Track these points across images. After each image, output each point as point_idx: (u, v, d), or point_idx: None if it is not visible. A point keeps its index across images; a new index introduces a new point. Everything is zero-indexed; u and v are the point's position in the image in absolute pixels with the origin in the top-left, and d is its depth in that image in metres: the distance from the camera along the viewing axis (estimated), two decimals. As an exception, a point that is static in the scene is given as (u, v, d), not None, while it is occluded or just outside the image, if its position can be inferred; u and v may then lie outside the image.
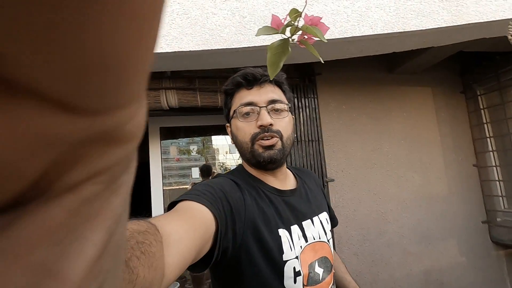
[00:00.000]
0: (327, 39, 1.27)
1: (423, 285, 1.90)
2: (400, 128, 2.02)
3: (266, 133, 0.59)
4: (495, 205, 2.05)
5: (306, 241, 0.59)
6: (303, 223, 0.61)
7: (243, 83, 0.62)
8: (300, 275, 0.55)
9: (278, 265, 0.54)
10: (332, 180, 1.82)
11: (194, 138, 4.59)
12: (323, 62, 0.51)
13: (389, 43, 1.45)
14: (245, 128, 0.61)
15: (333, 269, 0.64)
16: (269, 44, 0.51)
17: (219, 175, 0.66)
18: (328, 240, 0.64)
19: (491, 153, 2.07)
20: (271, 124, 0.59)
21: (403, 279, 1.87)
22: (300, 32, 0.51)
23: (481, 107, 2.12)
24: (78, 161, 0.07)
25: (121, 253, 0.10)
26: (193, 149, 4.70)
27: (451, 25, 1.32)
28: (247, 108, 0.60)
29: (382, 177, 1.93)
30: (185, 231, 0.36)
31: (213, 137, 4.74)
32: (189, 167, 5.03)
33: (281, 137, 0.61)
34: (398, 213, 1.92)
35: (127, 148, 0.09)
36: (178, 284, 2.63)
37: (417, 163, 2.02)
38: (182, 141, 4.79)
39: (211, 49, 1.29)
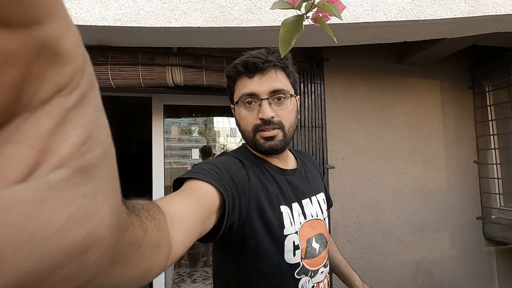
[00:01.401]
0: (338, 23, 1.23)
1: (413, 274, 1.95)
2: (404, 120, 2.01)
3: (267, 126, 0.59)
4: (491, 202, 2.07)
5: (305, 218, 0.63)
6: (303, 201, 0.64)
7: (243, 72, 0.61)
8: (299, 248, 0.59)
9: (279, 239, 0.57)
10: (333, 167, 1.83)
11: (196, 118, 4.58)
12: (336, 41, 0.50)
13: (402, 31, 1.42)
14: (247, 118, 0.61)
15: (328, 245, 0.68)
16: (279, 24, 0.50)
17: (224, 153, 0.67)
18: (324, 219, 0.68)
19: (493, 150, 2.07)
20: (272, 117, 0.59)
21: (394, 267, 1.92)
22: (315, 9, 0.49)
23: (488, 104, 2.10)
24: (39, 80, 0.11)
25: (107, 150, 0.13)
26: (195, 129, 4.71)
27: (467, 16, 1.29)
28: (248, 98, 0.60)
29: (382, 168, 1.94)
30: (190, 208, 0.38)
31: (215, 119, 4.73)
32: (190, 148, 5.04)
33: (282, 128, 0.61)
34: (395, 203, 1.95)
35: (75, 65, 0.12)
36: (175, 260, 2.70)
37: (418, 156, 2.02)
38: (184, 122, 4.78)
39: (220, 27, 1.26)
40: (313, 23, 0.51)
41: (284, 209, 0.59)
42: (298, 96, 0.68)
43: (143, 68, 1.54)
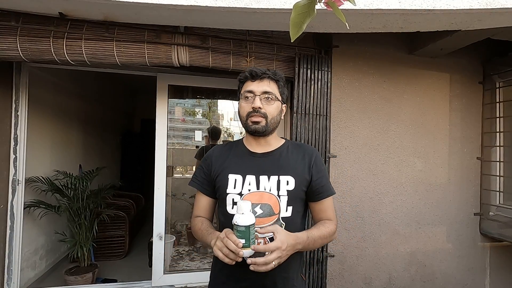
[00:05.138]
0: (350, 9, 1.19)
1: (406, 264, 1.99)
2: (411, 112, 1.99)
3: (255, 113, 0.86)
4: (490, 199, 2.07)
5: (258, 188, 0.86)
6: (260, 176, 0.87)
7: (249, 77, 0.88)
8: (236, 204, 0.80)
9: (223, 195, 0.89)
10: (335, 157, 1.83)
11: (200, 100, 4.55)
12: (348, 28, 0.49)
13: (415, 20, 1.38)
14: (244, 107, 0.88)
15: (276, 216, 0.85)
16: (291, 7, 0.48)
17: (207, 150, 0.98)
18: (278, 195, 0.86)
19: (498, 148, 2.06)
20: (260, 108, 0.85)
21: (388, 256, 1.96)
22: (328, -7, 0.48)
23: (498, 100, 2.06)
24: None
25: None
26: (199, 111, 4.69)
27: (485, 7, 1.24)
28: (247, 94, 0.88)
29: (384, 159, 1.94)
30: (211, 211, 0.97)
31: (220, 102, 4.69)
32: (193, 130, 5.04)
33: (266, 117, 0.86)
34: (394, 195, 1.96)
35: None
36: (174, 238, 2.77)
37: (421, 150, 2.01)
38: (188, 103, 4.75)
39: (229, 7, 1.23)
40: (325, 7, 0.49)
41: (231, 176, 0.88)
42: (285, 105, 0.94)
43: (148, 46, 1.51)
